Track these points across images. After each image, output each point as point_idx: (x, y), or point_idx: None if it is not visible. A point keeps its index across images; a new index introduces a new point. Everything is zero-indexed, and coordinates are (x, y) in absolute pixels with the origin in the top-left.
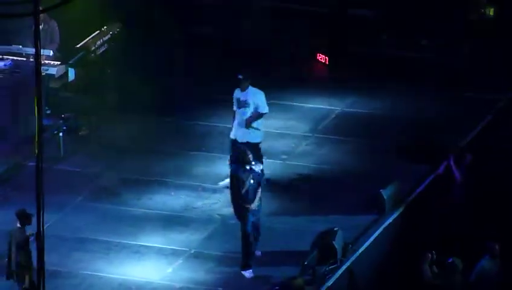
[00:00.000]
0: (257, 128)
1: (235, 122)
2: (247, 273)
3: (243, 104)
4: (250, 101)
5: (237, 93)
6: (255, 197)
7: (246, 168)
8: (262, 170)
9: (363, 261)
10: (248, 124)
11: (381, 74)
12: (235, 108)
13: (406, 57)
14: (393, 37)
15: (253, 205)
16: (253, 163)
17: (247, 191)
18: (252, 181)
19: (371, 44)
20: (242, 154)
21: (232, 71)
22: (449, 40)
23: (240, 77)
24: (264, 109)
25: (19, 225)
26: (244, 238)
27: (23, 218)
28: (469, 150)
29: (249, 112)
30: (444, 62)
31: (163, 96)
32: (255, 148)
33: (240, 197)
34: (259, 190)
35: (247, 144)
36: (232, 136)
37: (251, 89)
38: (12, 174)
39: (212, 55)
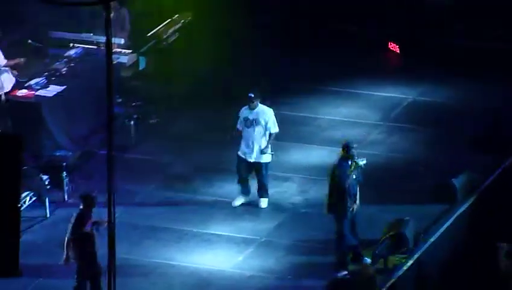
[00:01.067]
0: (269, 150)
1: (244, 141)
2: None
3: (251, 123)
4: (261, 120)
5: (245, 112)
6: (356, 193)
7: (349, 162)
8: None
9: (434, 252)
10: (265, 147)
11: (454, 63)
12: (239, 127)
13: (481, 47)
14: (469, 26)
15: (355, 206)
16: (356, 157)
17: (349, 185)
18: (354, 176)
19: (446, 33)
20: (347, 147)
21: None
22: None
23: (251, 95)
24: (275, 128)
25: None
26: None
27: (88, 200)
28: None
29: (259, 130)
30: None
31: (233, 86)
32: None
33: (341, 191)
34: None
35: (258, 164)
36: (241, 154)
37: (261, 107)
38: (82, 163)
39: (278, 44)
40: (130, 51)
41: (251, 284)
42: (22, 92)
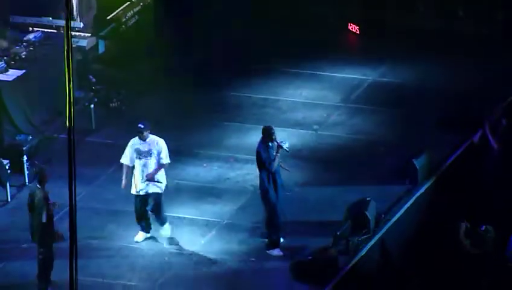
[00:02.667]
0: (161, 181)
1: (137, 174)
2: (275, 252)
3: (145, 155)
4: (154, 150)
5: (136, 143)
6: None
7: (271, 145)
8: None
9: (395, 232)
10: (152, 178)
11: (414, 44)
12: (126, 160)
13: (442, 28)
14: (430, 8)
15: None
16: (280, 141)
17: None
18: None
19: (407, 13)
20: (267, 131)
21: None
22: (484, 9)
23: (141, 126)
24: (167, 159)
25: (38, 185)
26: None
27: (41, 176)
28: (504, 116)
29: (152, 162)
30: (479, 32)
31: (196, 68)
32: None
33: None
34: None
35: (154, 194)
36: (134, 191)
37: (152, 138)
38: (43, 147)
39: (247, 25)
40: (89, 34)
41: (214, 267)
42: None
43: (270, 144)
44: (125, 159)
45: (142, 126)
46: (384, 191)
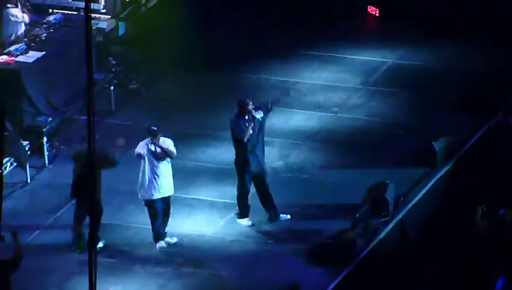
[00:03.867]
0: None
1: (154, 178)
2: (245, 222)
3: (158, 156)
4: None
5: (148, 146)
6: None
7: (247, 118)
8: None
9: (414, 214)
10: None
11: (434, 27)
12: (145, 162)
13: (461, 10)
14: None
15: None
16: (253, 111)
17: (248, 139)
18: (252, 130)
19: None
20: (240, 104)
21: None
22: None
23: (155, 128)
24: (174, 150)
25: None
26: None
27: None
28: None
29: (165, 163)
30: (498, 14)
31: (215, 50)
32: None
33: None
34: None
35: (169, 197)
36: (153, 196)
37: (162, 139)
38: (63, 128)
39: (266, 8)
40: (109, 16)
41: (232, 248)
42: (2, 59)
43: (246, 116)
44: (139, 156)
45: (156, 128)
46: (403, 173)
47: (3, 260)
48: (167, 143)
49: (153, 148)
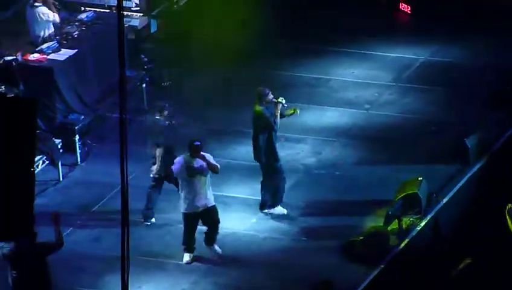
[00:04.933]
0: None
1: (191, 194)
2: (280, 209)
3: (198, 171)
4: (204, 164)
5: (187, 161)
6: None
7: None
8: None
9: (447, 211)
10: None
11: (465, 24)
12: (181, 178)
13: (493, 5)
14: None
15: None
16: (274, 99)
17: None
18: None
19: None
20: (259, 93)
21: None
22: None
23: (199, 144)
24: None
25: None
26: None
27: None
28: None
29: (206, 177)
30: None
31: (247, 47)
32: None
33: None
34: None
35: (212, 207)
36: (189, 210)
37: (203, 154)
38: (95, 126)
39: (289, 5)
40: (142, 14)
41: (265, 245)
42: (34, 56)
43: (267, 105)
44: (177, 174)
45: (199, 143)
46: (436, 170)
47: (44, 243)
48: (208, 157)
49: (194, 164)
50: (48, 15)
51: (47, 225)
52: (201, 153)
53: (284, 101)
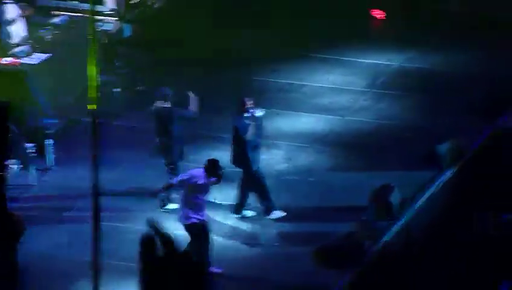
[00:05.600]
0: None
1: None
2: (277, 214)
3: (205, 189)
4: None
5: (196, 175)
6: (258, 145)
7: (246, 116)
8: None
9: (419, 217)
10: None
11: (440, 29)
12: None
13: (467, 11)
14: None
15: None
16: (253, 110)
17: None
18: (254, 129)
19: None
20: (241, 102)
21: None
22: None
23: (217, 164)
24: None
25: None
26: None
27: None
28: None
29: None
30: (507, 16)
31: (221, 52)
32: None
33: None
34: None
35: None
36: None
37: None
38: (68, 130)
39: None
40: (115, 18)
41: (238, 251)
42: (7, 60)
43: (245, 114)
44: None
45: (213, 164)
46: (410, 176)
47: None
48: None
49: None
50: (14, 12)
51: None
52: None
53: (261, 114)
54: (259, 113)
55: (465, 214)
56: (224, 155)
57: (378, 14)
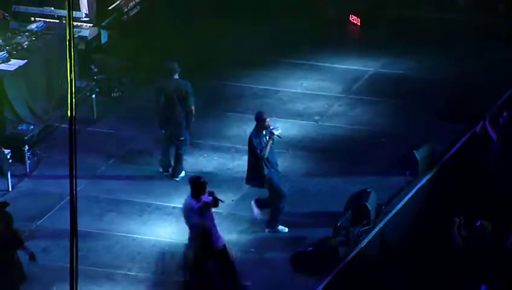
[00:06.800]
0: None
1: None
2: (281, 228)
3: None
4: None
5: (187, 203)
6: (276, 162)
7: (264, 132)
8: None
9: (395, 223)
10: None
11: (416, 35)
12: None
13: (443, 18)
14: None
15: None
16: (271, 127)
17: (267, 155)
18: (271, 146)
19: (409, 5)
20: (259, 118)
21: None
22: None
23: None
24: None
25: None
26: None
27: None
28: (505, 109)
29: None
30: (480, 22)
31: (196, 58)
32: None
33: (259, 161)
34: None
35: None
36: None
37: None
38: (45, 136)
39: (248, 15)
40: (92, 24)
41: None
42: None
43: (264, 131)
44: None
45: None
46: (385, 182)
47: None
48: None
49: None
50: None
51: None
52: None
53: (278, 132)
54: (278, 131)
55: (441, 220)
56: (198, 161)
57: (354, 19)
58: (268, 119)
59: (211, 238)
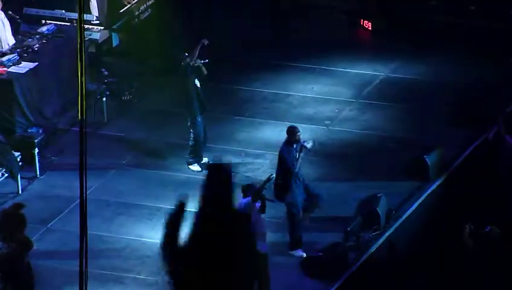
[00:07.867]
0: None
1: None
2: (298, 253)
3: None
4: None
5: (242, 205)
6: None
7: (295, 146)
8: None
9: (405, 228)
10: None
11: (426, 40)
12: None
13: (453, 23)
14: (441, 2)
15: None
16: (302, 141)
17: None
18: (301, 160)
19: (418, 8)
20: (292, 132)
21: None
22: (496, 4)
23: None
24: None
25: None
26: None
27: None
28: None
29: None
30: (491, 27)
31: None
32: None
33: (289, 175)
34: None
35: None
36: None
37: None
38: (55, 139)
39: (258, 19)
40: (103, 27)
41: None
42: None
43: (294, 145)
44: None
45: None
46: (395, 187)
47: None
48: None
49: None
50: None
51: None
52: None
53: (309, 146)
54: (309, 144)
55: (451, 225)
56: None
57: (365, 24)
58: (299, 133)
59: None
